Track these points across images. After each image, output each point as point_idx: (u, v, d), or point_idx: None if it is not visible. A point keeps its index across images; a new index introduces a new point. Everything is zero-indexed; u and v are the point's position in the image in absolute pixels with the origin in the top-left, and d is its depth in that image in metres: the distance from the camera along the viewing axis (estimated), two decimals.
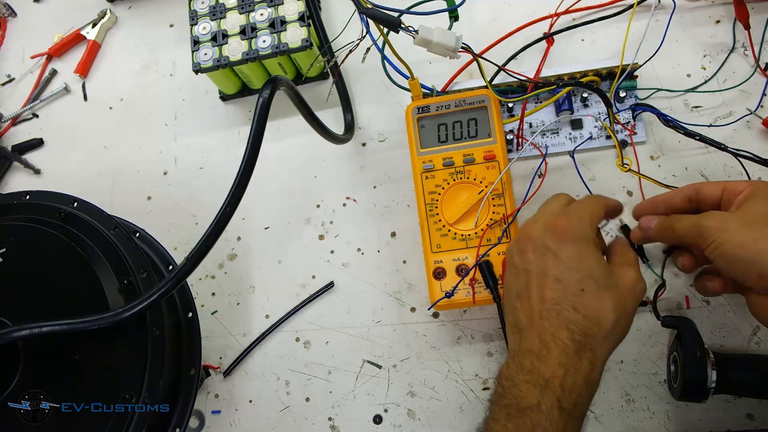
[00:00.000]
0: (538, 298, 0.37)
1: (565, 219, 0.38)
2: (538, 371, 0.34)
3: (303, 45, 0.54)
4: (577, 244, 0.37)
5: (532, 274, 0.38)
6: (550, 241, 0.38)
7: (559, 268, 0.37)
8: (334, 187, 0.58)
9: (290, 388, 0.53)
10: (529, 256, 0.39)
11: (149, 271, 0.45)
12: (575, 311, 0.35)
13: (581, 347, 0.35)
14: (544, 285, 0.37)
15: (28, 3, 0.73)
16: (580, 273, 0.36)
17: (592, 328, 0.35)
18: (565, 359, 0.34)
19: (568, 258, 0.37)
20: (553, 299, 0.36)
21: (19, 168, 0.66)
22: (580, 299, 0.36)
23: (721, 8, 0.55)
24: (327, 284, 0.55)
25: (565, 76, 0.52)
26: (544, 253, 0.38)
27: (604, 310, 0.36)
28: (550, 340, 0.35)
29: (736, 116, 0.51)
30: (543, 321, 0.36)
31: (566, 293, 0.36)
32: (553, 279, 0.37)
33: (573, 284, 0.36)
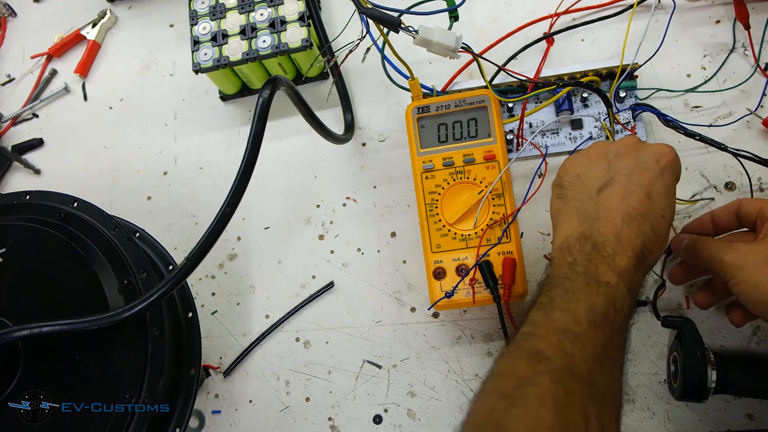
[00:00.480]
0: (623, 202, 0.37)
1: (674, 155, 0.39)
2: (614, 260, 0.36)
3: (303, 45, 0.54)
4: (674, 180, 0.39)
5: (624, 177, 0.38)
6: (654, 163, 0.39)
7: (654, 187, 0.38)
8: (334, 187, 0.58)
9: (290, 388, 0.53)
10: (626, 161, 0.39)
11: (149, 271, 0.45)
12: (652, 230, 0.37)
13: (644, 260, 0.36)
14: (634, 194, 0.37)
15: (28, 3, 0.73)
16: (668, 201, 0.38)
17: (654, 251, 0.37)
18: (636, 262, 0.36)
19: (665, 185, 0.38)
20: (638, 210, 0.37)
21: (19, 168, 0.66)
22: (659, 222, 0.37)
23: (721, 8, 0.55)
24: (327, 284, 0.55)
25: (565, 76, 0.52)
26: (646, 168, 0.38)
27: (665, 240, 0.38)
28: (627, 243, 0.36)
29: (736, 116, 0.51)
30: (624, 224, 0.37)
31: (652, 211, 0.37)
32: (645, 193, 0.37)
33: (660, 208, 0.37)
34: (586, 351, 0.32)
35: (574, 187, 0.40)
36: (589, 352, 0.32)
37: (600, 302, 0.34)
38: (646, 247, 0.36)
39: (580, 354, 0.32)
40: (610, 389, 0.32)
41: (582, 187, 0.40)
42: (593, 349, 0.32)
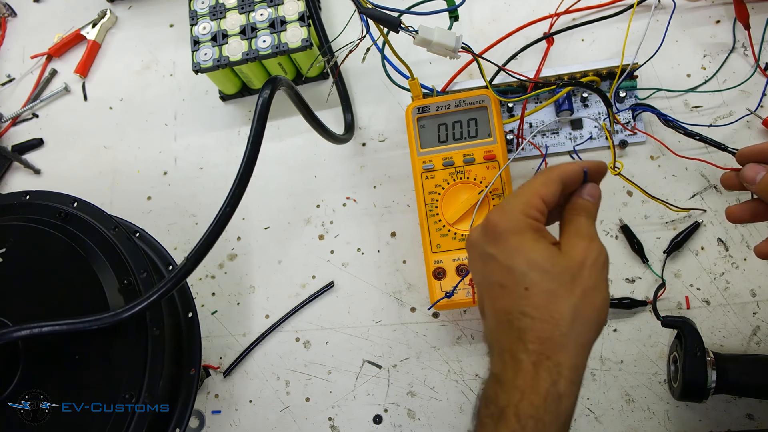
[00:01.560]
0: (491, 312, 0.33)
1: (498, 214, 0.33)
2: (496, 400, 0.31)
3: (303, 45, 0.54)
4: (510, 239, 0.32)
5: (482, 286, 0.34)
6: (487, 246, 0.33)
7: (500, 272, 0.32)
8: (334, 187, 0.58)
9: (290, 388, 0.53)
10: (476, 266, 0.35)
11: (149, 271, 0.45)
12: (525, 316, 0.31)
13: (539, 359, 0.30)
14: (493, 295, 0.33)
15: (28, 3, 0.73)
16: (519, 269, 0.31)
17: (547, 328, 0.30)
18: (520, 380, 0.30)
19: (504, 256, 0.32)
20: (503, 309, 0.32)
21: (19, 168, 0.66)
22: (527, 300, 0.31)
23: (721, 8, 0.55)
24: (327, 284, 0.55)
25: (565, 76, 0.52)
26: (485, 260, 0.33)
27: (556, 300, 0.31)
28: (508, 359, 0.31)
29: (736, 116, 0.51)
30: (500, 337, 0.32)
31: (512, 297, 0.31)
32: (498, 286, 0.32)
33: (516, 285, 0.31)
34: None
35: None
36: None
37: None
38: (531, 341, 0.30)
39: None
40: None
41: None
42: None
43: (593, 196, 0.36)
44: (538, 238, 0.33)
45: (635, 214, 0.51)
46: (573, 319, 0.30)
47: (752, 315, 0.48)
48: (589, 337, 0.31)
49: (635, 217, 0.51)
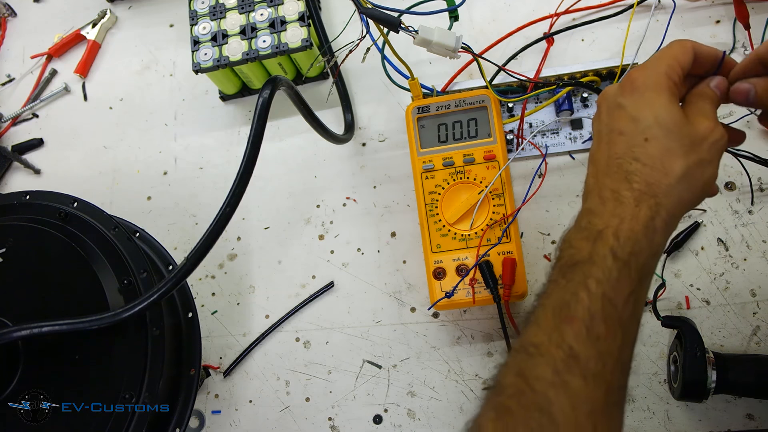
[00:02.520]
0: (605, 157, 0.34)
1: (640, 71, 0.35)
2: (591, 226, 0.32)
3: (303, 45, 0.54)
4: (645, 93, 0.34)
5: (602, 134, 0.35)
6: (620, 97, 0.35)
7: (624, 120, 0.34)
8: (334, 187, 0.58)
9: (290, 388, 0.53)
10: (602, 117, 0.36)
11: (149, 271, 0.45)
12: (636, 161, 0.33)
13: (641, 195, 0.32)
14: (611, 141, 0.34)
15: (28, 3, 0.73)
16: (645, 121, 0.33)
17: (655, 175, 0.32)
18: (620, 209, 0.32)
19: (634, 107, 0.34)
20: (617, 153, 0.34)
21: (19, 168, 0.66)
22: (643, 148, 0.33)
23: (721, 8, 0.55)
24: (327, 284, 0.55)
25: (565, 76, 0.52)
26: (614, 109, 0.35)
27: (671, 156, 0.32)
28: (608, 195, 0.33)
29: (736, 116, 0.51)
30: (605, 178, 0.34)
31: (629, 144, 0.33)
32: (618, 132, 0.34)
33: (637, 134, 0.33)
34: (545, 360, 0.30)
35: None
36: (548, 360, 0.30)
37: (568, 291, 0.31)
38: (636, 182, 0.32)
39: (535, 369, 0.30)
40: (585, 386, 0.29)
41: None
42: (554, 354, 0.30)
43: (720, 89, 0.36)
44: (672, 99, 0.34)
45: None
46: (683, 176, 0.32)
47: (752, 315, 0.48)
48: (690, 198, 0.33)
49: None
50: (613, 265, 0.31)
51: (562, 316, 0.31)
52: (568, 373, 0.29)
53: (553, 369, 0.29)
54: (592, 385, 0.29)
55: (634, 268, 0.31)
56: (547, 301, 0.32)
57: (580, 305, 0.30)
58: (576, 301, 0.31)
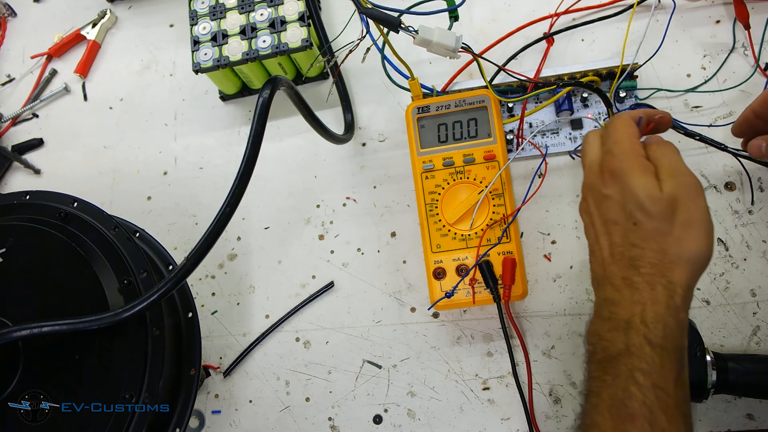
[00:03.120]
0: (606, 246, 0.36)
1: (612, 158, 0.37)
2: (616, 316, 0.33)
3: (303, 45, 0.54)
4: (626, 178, 0.36)
5: (596, 225, 0.37)
6: (605, 188, 0.37)
7: (614, 210, 0.36)
8: (334, 187, 0.58)
9: (290, 388, 0.53)
10: (591, 209, 0.38)
11: (149, 271, 0.45)
12: (635, 247, 0.34)
13: (652, 279, 0.33)
14: (608, 231, 0.36)
15: (28, 3, 0.73)
16: (629, 207, 0.35)
17: (656, 257, 0.33)
18: (638, 296, 0.33)
19: (620, 196, 0.36)
20: (616, 242, 0.35)
21: (19, 168, 0.66)
22: (636, 233, 0.35)
23: (721, 8, 0.55)
24: (327, 284, 0.55)
25: (565, 76, 0.52)
26: (602, 201, 0.37)
27: (662, 234, 0.34)
28: (620, 284, 0.34)
29: (736, 116, 0.51)
30: (612, 267, 0.35)
31: (624, 232, 0.35)
32: (612, 222, 0.36)
33: (627, 221, 0.35)
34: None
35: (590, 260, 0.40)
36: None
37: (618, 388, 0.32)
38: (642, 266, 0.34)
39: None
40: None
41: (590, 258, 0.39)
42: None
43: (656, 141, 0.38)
44: (647, 175, 0.36)
45: None
46: (679, 248, 0.33)
47: (752, 315, 0.48)
48: (696, 263, 0.34)
49: None
50: (652, 353, 0.32)
51: (621, 416, 0.31)
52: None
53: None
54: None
55: (672, 350, 0.32)
56: (599, 401, 0.33)
57: (635, 401, 0.31)
58: (630, 398, 0.31)
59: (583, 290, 0.50)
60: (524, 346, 0.49)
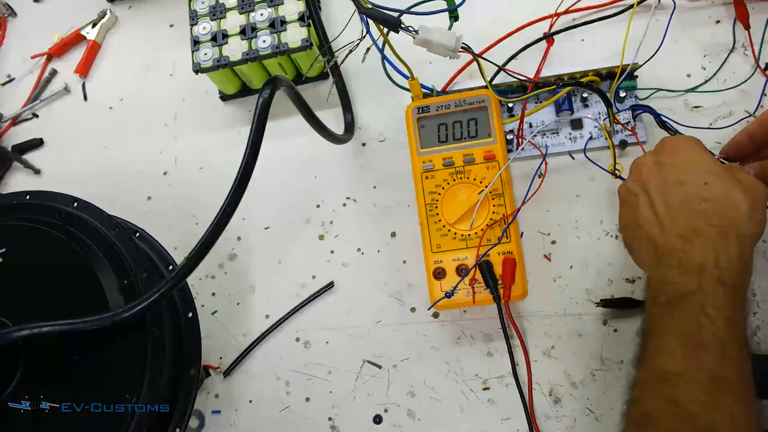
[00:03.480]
0: (664, 207, 0.37)
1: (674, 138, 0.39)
2: (687, 262, 0.34)
3: (303, 45, 0.54)
4: (688, 150, 0.38)
5: (653, 189, 0.38)
6: (663, 157, 0.38)
7: (677, 172, 0.37)
8: (334, 187, 0.58)
9: (290, 388, 0.53)
10: (644, 177, 0.39)
11: (149, 271, 0.45)
12: (705, 201, 0.35)
13: (724, 230, 0.34)
14: (668, 192, 0.37)
15: (28, 3, 0.73)
16: (699, 170, 0.36)
17: (728, 211, 0.35)
18: (710, 244, 0.34)
19: (683, 162, 0.37)
20: (680, 200, 0.36)
21: (19, 168, 0.66)
22: (707, 190, 0.36)
23: (721, 8, 0.55)
24: (327, 284, 0.55)
25: (565, 76, 0.52)
26: (659, 167, 0.38)
27: (734, 194, 0.35)
28: (690, 233, 0.35)
29: (736, 117, 0.51)
30: (676, 221, 0.36)
31: (692, 189, 0.36)
32: (675, 183, 0.37)
33: (696, 181, 0.36)
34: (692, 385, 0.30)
35: (627, 237, 0.42)
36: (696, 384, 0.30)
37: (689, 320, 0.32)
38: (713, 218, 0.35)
39: (685, 394, 0.30)
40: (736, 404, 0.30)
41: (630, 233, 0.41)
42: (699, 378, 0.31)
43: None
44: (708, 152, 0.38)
45: None
46: (749, 211, 0.35)
47: (752, 315, 0.47)
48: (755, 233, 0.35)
49: None
50: (725, 294, 0.33)
51: (693, 343, 0.32)
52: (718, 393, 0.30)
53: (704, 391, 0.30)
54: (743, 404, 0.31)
55: (740, 290, 0.33)
56: (666, 333, 0.33)
57: (707, 332, 0.32)
58: (702, 329, 0.32)
59: (583, 290, 0.50)
60: (524, 346, 0.49)
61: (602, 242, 0.51)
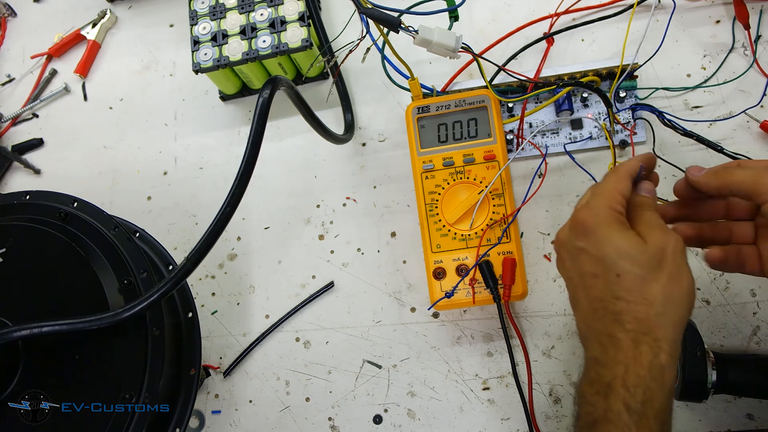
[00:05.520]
0: (586, 301, 0.35)
1: (586, 211, 0.36)
2: (600, 378, 0.33)
3: (303, 45, 0.54)
4: (600, 231, 0.35)
5: (574, 280, 0.36)
6: (578, 241, 0.36)
7: (591, 263, 0.35)
8: (334, 187, 0.58)
9: (290, 388, 0.53)
10: (566, 263, 0.37)
11: (149, 271, 0.45)
12: (619, 300, 0.33)
13: (637, 335, 0.32)
14: (587, 285, 0.35)
15: (28, 3, 0.73)
16: (610, 259, 0.34)
17: (642, 310, 0.32)
18: (622, 356, 0.32)
19: (596, 249, 0.34)
20: (597, 297, 0.34)
21: (19, 168, 0.66)
22: (619, 286, 0.33)
23: (721, 8, 0.55)
24: (327, 284, 0.55)
25: (565, 76, 0.52)
26: (576, 254, 0.36)
27: (647, 286, 0.33)
28: (606, 341, 0.33)
29: (735, 116, 0.51)
30: (595, 323, 0.34)
31: (605, 284, 0.34)
32: (591, 276, 0.35)
33: (608, 273, 0.34)
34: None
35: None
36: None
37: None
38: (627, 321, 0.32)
39: None
40: None
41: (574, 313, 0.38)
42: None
43: (650, 192, 0.38)
44: (624, 229, 0.35)
45: None
46: (665, 299, 0.32)
47: (752, 315, 0.48)
48: (682, 316, 0.33)
49: None
50: (629, 420, 0.31)
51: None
52: None
53: None
54: None
55: (651, 416, 0.31)
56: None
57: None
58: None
59: None
60: (524, 346, 0.49)
61: None
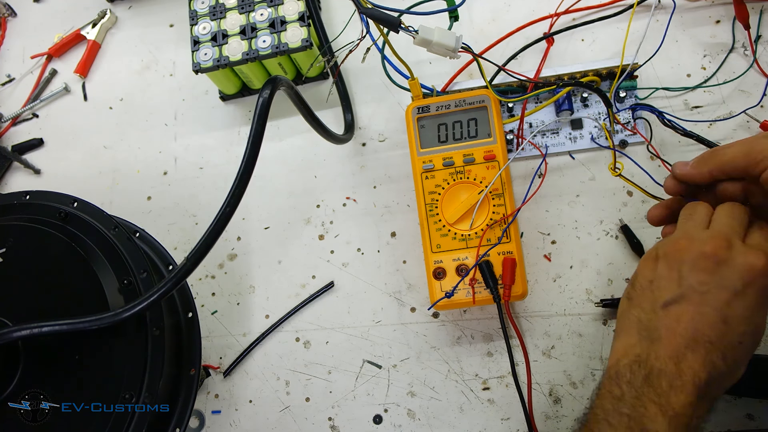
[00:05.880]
0: (690, 324, 0.33)
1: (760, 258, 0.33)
2: (668, 399, 0.32)
3: (303, 45, 0.54)
4: (759, 294, 0.33)
5: (697, 296, 0.34)
6: (738, 280, 0.33)
7: (732, 311, 0.33)
8: (334, 187, 0.58)
9: (290, 388, 0.53)
10: (703, 276, 0.34)
11: (149, 271, 0.45)
12: (723, 360, 0.33)
13: (708, 393, 0.33)
14: (705, 316, 0.33)
15: (28, 3, 0.73)
16: (748, 326, 0.33)
17: (725, 382, 0.33)
18: (696, 400, 0.32)
19: (745, 307, 0.33)
20: (709, 338, 0.33)
21: (19, 168, 0.66)
22: (733, 351, 0.33)
23: (721, 8, 0.55)
24: (327, 284, 0.55)
25: (565, 76, 0.52)
26: (725, 287, 0.33)
27: (739, 369, 0.34)
28: (689, 374, 0.32)
29: (735, 116, 0.51)
30: (687, 351, 0.33)
31: (726, 339, 0.33)
32: (721, 319, 0.33)
33: (736, 334, 0.33)
34: None
35: (643, 293, 0.36)
36: None
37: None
38: (712, 379, 0.32)
39: None
40: None
41: (650, 296, 0.36)
42: None
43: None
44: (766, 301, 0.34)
45: (635, 214, 0.51)
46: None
47: None
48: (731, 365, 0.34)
49: (635, 216, 0.51)
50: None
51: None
52: None
53: None
54: None
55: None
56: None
57: None
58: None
59: (583, 290, 0.50)
60: (524, 346, 0.49)
61: (602, 242, 0.51)
